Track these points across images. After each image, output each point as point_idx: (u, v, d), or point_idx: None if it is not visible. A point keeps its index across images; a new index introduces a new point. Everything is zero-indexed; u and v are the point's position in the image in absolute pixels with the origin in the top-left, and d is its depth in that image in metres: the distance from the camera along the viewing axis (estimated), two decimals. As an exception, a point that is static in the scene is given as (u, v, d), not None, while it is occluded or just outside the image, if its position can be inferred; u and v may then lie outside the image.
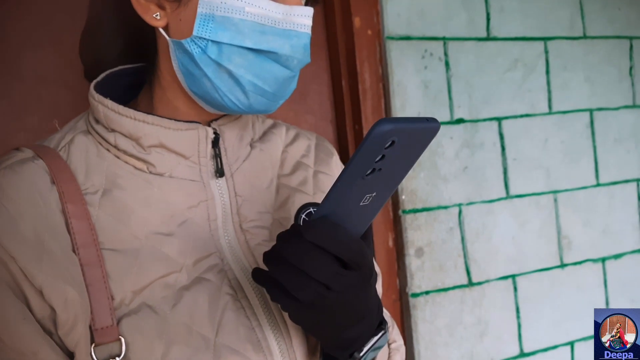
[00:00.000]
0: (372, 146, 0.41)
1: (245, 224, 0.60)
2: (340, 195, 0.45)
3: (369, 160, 0.42)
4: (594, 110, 1.40)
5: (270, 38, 0.53)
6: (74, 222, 0.53)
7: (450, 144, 1.23)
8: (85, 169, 0.56)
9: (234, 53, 0.53)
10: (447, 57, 1.23)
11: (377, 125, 0.40)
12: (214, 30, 0.52)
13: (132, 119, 0.56)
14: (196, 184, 0.59)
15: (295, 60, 0.56)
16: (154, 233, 0.55)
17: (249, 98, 0.56)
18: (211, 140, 0.60)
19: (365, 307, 0.51)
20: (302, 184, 0.66)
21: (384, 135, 0.41)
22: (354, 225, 0.49)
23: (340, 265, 0.47)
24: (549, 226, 1.34)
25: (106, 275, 0.52)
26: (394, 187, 0.49)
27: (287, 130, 0.71)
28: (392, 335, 0.64)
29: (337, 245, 0.46)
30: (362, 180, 0.44)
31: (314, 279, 0.46)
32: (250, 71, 0.54)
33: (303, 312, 0.48)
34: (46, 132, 0.95)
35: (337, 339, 0.52)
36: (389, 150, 0.42)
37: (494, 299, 1.26)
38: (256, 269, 0.50)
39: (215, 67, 0.54)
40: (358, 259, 0.47)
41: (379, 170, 0.44)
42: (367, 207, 0.48)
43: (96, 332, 0.50)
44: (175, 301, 0.53)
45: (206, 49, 0.53)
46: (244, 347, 0.53)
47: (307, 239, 0.45)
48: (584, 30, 1.38)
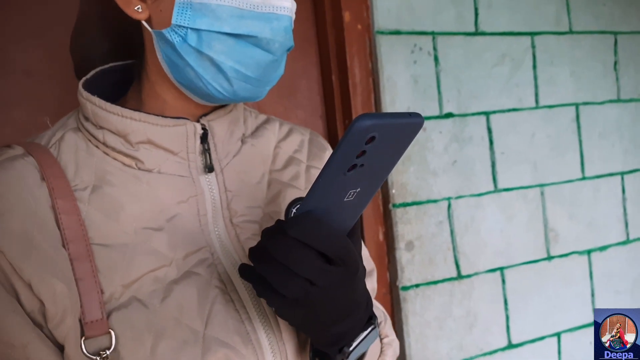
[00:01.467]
0: (351, 142, 0.41)
1: (235, 219, 0.60)
2: (323, 191, 0.45)
3: (350, 156, 0.42)
4: (580, 104, 1.41)
5: (249, 22, 0.53)
6: (64, 217, 0.53)
7: (440, 138, 1.24)
8: (75, 165, 0.57)
9: (213, 39, 0.53)
10: (436, 51, 1.23)
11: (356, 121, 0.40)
12: (192, 18, 0.52)
13: (119, 116, 0.57)
14: (185, 180, 0.59)
15: (277, 44, 0.56)
16: (143, 228, 0.56)
17: (232, 85, 0.56)
18: (199, 135, 0.60)
19: (352, 302, 0.51)
20: (293, 179, 0.66)
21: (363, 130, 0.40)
22: (339, 221, 0.48)
23: (324, 261, 0.47)
24: (536, 219, 1.35)
25: (96, 269, 0.52)
26: (379, 182, 0.49)
27: (281, 125, 0.71)
28: (384, 330, 0.64)
29: (320, 240, 0.46)
30: (344, 176, 0.44)
31: (298, 275, 0.46)
32: (231, 57, 0.54)
33: (288, 307, 0.48)
34: (32, 126, 0.95)
35: (325, 335, 0.52)
36: (370, 146, 0.42)
37: (482, 292, 1.28)
38: (243, 265, 0.50)
39: (196, 55, 0.54)
40: (342, 255, 0.47)
41: (360, 166, 0.44)
42: (352, 202, 0.48)
43: (86, 326, 0.50)
44: (165, 295, 0.53)
45: (186, 37, 0.53)
46: (232, 340, 0.53)
47: (290, 235, 0.45)
48: (570, 26, 1.40)
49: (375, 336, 0.56)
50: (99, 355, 0.50)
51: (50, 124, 0.63)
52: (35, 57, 0.96)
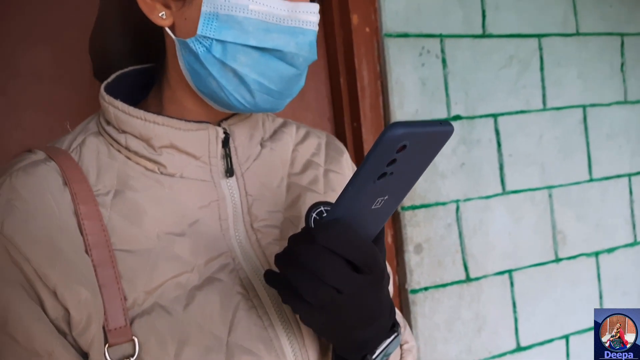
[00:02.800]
0: (383, 150, 0.41)
1: (256, 224, 0.60)
2: (352, 198, 0.45)
3: (380, 165, 0.42)
4: (587, 106, 1.41)
5: (275, 36, 0.53)
6: (86, 223, 0.53)
7: (448, 141, 1.23)
8: (96, 170, 0.57)
9: (238, 52, 0.53)
10: (444, 54, 1.23)
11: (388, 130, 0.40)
12: (218, 29, 0.52)
13: (142, 120, 0.56)
14: (207, 184, 0.59)
15: (301, 58, 0.55)
16: (165, 233, 0.55)
17: (254, 97, 0.55)
18: (221, 140, 0.59)
19: (377, 309, 0.51)
20: (312, 183, 0.66)
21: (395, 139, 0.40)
22: (366, 228, 0.48)
23: (351, 269, 0.47)
24: (544, 221, 1.35)
25: (119, 275, 0.52)
26: (406, 190, 0.49)
27: (298, 128, 0.71)
28: (404, 336, 0.64)
29: (349, 248, 0.46)
30: (374, 184, 0.44)
31: (325, 283, 0.45)
32: (255, 70, 0.54)
33: (314, 315, 0.48)
34: (42, 129, 0.94)
35: (349, 342, 0.51)
36: (401, 154, 0.42)
37: (491, 294, 1.28)
38: (268, 271, 0.50)
39: (220, 66, 0.53)
40: (370, 262, 0.47)
41: (390, 174, 0.44)
42: (379, 210, 0.48)
43: (110, 333, 0.50)
44: (188, 301, 0.53)
45: (211, 48, 0.53)
46: (256, 347, 0.53)
47: (319, 242, 0.45)
48: (577, 27, 1.40)
49: (398, 343, 0.55)
50: None
51: (70, 128, 0.63)
52: (44, 60, 0.96)
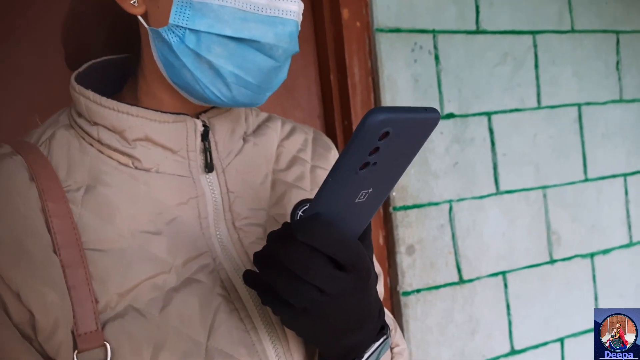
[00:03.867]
0: (364, 137, 0.38)
1: (238, 222, 0.57)
2: (333, 191, 0.42)
3: (362, 153, 0.39)
4: (582, 105, 1.39)
5: (252, 25, 0.50)
6: (55, 221, 0.50)
7: (441, 140, 1.21)
8: (67, 164, 0.53)
9: (213, 42, 0.50)
10: (437, 50, 1.20)
11: (369, 115, 0.37)
12: (192, 18, 0.49)
13: (115, 111, 0.53)
14: (185, 180, 0.56)
15: (281, 50, 0.52)
16: (140, 232, 0.52)
17: (231, 90, 0.52)
18: (200, 133, 0.56)
19: (365, 311, 0.48)
20: (298, 180, 0.63)
21: (377, 125, 0.37)
22: (350, 224, 0.45)
23: (334, 267, 0.44)
24: (539, 222, 1.33)
25: (90, 277, 0.49)
26: (392, 182, 0.46)
27: (283, 124, 0.68)
28: (394, 339, 0.62)
29: (330, 245, 0.43)
30: (356, 175, 0.41)
31: (307, 282, 0.43)
32: (231, 61, 0.51)
33: (296, 317, 0.45)
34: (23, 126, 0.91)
35: (335, 346, 0.49)
36: (384, 142, 0.39)
37: (484, 296, 1.25)
38: (247, 271, 0.47)
39: (194, 57, 0.51)
40: (354, 260, 0.44)
41: (373, 164, 0.41)
42: (364, 204, 0.45)
43: (79, 338, 0.47)
44: (164, 303, 0.50)
45: (184, 38, 0.50)
46: (237, 351, 0.50)
47: (298, 239, 0.42)
48: (572, 24, 1.37)
49: (388, 347, 0.53)
50: None
51: (40, 121, 0.60)
52: (27, 55, 0.93)
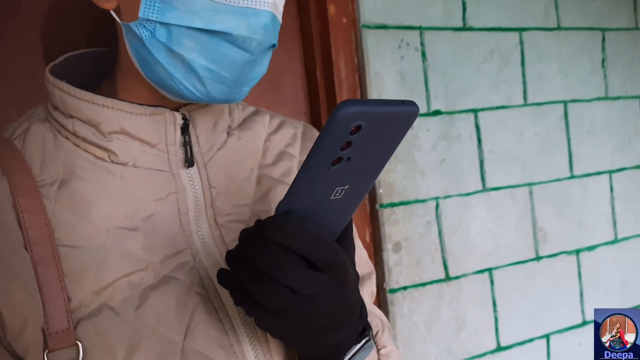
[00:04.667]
0: (334, 131, 0.36)
1: (220, 218, 0.55)
2: (305, 188, 0.40)
3: (333, 148, 0.37)
4: (568, 102, 1.39)
5: (223, 17, 0.48)
6: (27, 216, 0.48)
7: (427, 137, 1.20)
8: (41, 158, 0.52)
9: (184, 35, 0.48)
10: (424, 47, 1.20)
11: (339, 107, 0.35)
12: (162, 11, 0.48)
13: (90, 103, 0.52)
14: (164, 175, 0.54)
15: (255, 42, 0.50)
16: (116, 228, 0.51)
17: (205, 85, 0.51)
18: (180, 126, 0.55)
19: (343, 312, 0.47)
20: (285, 175, 0.61)
21: (347, 118, 0.35)
22: (326, 222, 0.44)
23: (308, 267, 0.42)
24: (525, 219, 1.33)
25: (62, 274, 0.47)
26: (371, 179, 0.44)
27: (272, 118, 0.66)
28: (382, 340, 0.60)
29: (303, 244, 0.41)
30: (329, 171, 0.39)
31: (278, 283, 0.41)
32: (203, 55, 0.49)
33: (269, 318, 0.44)
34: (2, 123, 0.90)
35: (312, 347, 0.48)
36: (356, 136, 0.37)
37: (471, 293, 1.25)
38: (221, 270, 0.45)
39: (166, 51, 0.49)
40: (328, 260, 0.43)
41: (347, 159, 0.39)
42: (341, 201, 0.43)
43: (50, 337, 0.46)
44: (140, 302, 0.48)
45: (155, 32, 0.48)
46: (214, 352, 0.49)
47: (268, 237, 0.41)
48: (558, 22, 1.38)
49: (371, 348, 0.51)
50: None
51: (16, 115, 0.58)
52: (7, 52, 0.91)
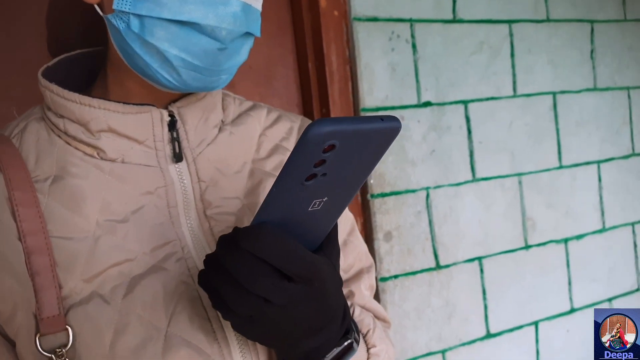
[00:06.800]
0: (305, 151, 0.36)
1: (209, 211, 0.57)
2: (279, 201, 0.40)
3: (305, 166, 0.37)
4: (557, 93, 1.41)
5: (191, 7, 0.49)
6: (21, 209, 0.51)
7: (418, 128, 1.22)
8: (35, 155, 0.55)
9: (155, 26, 0.50)
10: (414, 39, 1.21)
11: (311, 127, 0.35)
12: (133, 3, 0.49)
13: (77, 104, 0.54)
14: (153, 170, 0.56)
15: (224, 32, 0.51)
16: (106, 220, 0.53)
17: (180, 74, 0.52)
18: (167, 122, 0.57)
19: (321, 318, 0.47)
20: (276, 169, 0.63)
21: (319, 138, 0.35)
22: (305, 232, 0.44)
23: (281, 277, 0.43)
24: (514, 208, 1.35)
25: (54, 263, 0.50)
26: (352, 190, 0.44)
27: (269, 112, 0.68)
28: (372, 340, 0.61)
29: (275, 255, 0.42)
30: (303, 186, 0.39)
31: (251, 292, 0.42)
32: (175, 45, 0.50)
33: (243, 324, 0.45)
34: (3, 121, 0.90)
35: (290, 351, 0.49)
36: (330, 154, 0.37)
37: (461, 282, 1.27)
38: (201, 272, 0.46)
39: (141, 42, 0.51)
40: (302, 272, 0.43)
41: (322, 175, 0.39)
42: (320, 212, 0.43)
43: (42, 322, 0.48)
44: (128, 290, 0.51)
45: (130, 24, 0.50)
46: (197, 338, 0.51)
47: (242, 247, 0.41)
48: (547, 14, 1.39)
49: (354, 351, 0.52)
50: (55, 353, 0.48)
51: (17, 114, 0.61)
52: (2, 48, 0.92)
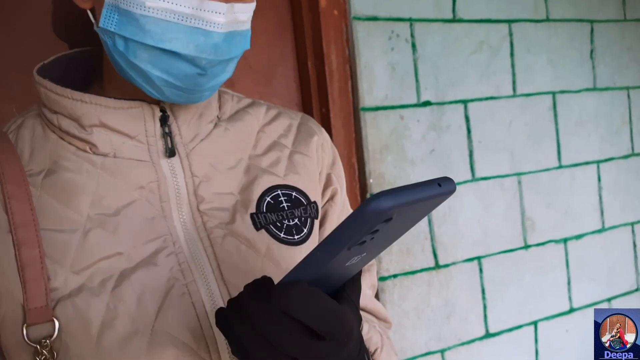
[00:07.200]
0: (361, 223, 0.35)
1: (202, 206, 0.57)
2: (320, 262, 0.40)
3: (358, 237, 0.36)
4: (557, 93, 1.41)
5: (173, 36, 0.50)
6: (13, 202, 0.52)
7: (417, 127, 1.22)
8: (30, 150, 0.56)
9: (139, 48, 0.51)
10: (414, 38, 1.21)
11: (370, 203, 0.33)
12: (119, 24, 0.51)
13: (70, 99, 0.55)
14: (145, 164, 0.57)
15: (204, 61, 0.52)
16: (97, 214, 0.54)
17: (163, 92, 0.54)
18: (159, 118, 0.57)
19: None
20: (272, 165, 0.63)
21: (378, 215, 0.34)
22: (336, 281, 0.44)
23: (311, 336, 0.42)
24: (513, 208, 1.35)
25: (44, 255, 0.51)
26: (388, 245, 0.43)
27: (268, 109, 0.68)
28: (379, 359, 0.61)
29: (310, 314, 0.41)
30: (348, 250, 0.38)
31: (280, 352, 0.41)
32: (158, 67, 0.52)
33: None
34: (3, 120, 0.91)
35: None
36: (384, 224, 0.36)
37: (460, 281, 1.27)
38: (221, 313, 0.45)
39: (125, 60, 0.52)
40: (333, 330, 0.42)
41: (371, 239, 0.38)
42: (355, 265, 0.43)
43: (29, 312, 0.50)
44: (117, 284, 0.52)
45: (115, 42, 0.52)
46: (183, 334, 0.51)
47: (274, 305, 0.40)
48: (547, 13, 1.39)
49: None
50: (40, 343, 0.49)
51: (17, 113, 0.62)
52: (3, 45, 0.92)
